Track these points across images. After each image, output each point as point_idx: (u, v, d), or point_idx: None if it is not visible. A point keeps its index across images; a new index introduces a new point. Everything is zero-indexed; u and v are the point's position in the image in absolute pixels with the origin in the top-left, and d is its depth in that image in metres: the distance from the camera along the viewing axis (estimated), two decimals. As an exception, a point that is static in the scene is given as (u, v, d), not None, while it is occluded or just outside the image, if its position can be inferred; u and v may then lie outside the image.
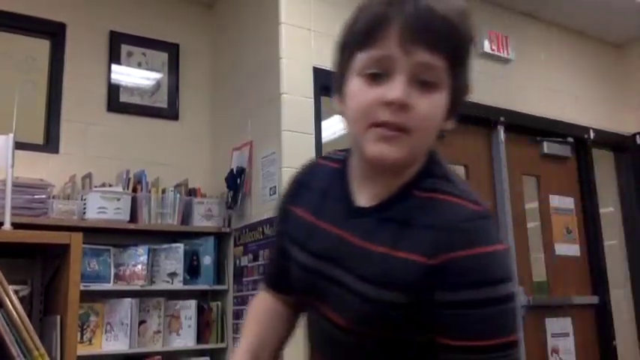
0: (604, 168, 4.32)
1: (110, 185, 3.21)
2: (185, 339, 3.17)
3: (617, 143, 4.35)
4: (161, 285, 3.18)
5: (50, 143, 3.28)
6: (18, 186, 2.66)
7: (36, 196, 2.87)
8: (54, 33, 3.41)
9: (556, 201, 3.98)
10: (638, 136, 4.33)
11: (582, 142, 4.12)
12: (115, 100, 3.51)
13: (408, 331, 0.88)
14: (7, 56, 3.31)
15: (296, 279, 1.03)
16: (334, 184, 1.01)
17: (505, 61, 3.84)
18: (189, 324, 3.17)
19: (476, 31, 0.91)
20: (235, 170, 3.23)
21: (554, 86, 4.09)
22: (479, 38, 3.72)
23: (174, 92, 3.69)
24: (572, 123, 4.06)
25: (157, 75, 3.69)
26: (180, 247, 3.22)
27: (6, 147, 1.97)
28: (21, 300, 1.67)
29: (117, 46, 3.57)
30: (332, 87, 0.97)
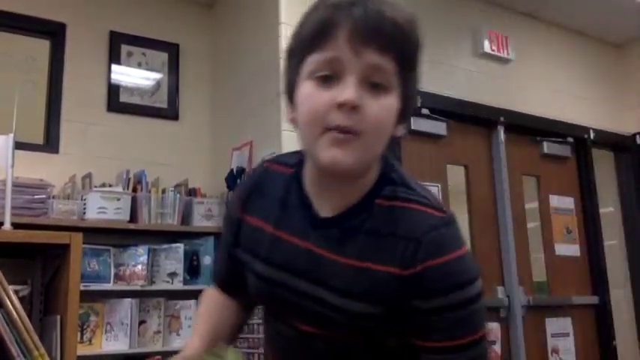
0: (604, 168, 4.32)
1: (110, 185, 3.21)
2: (185, 339, 3.16)
3: (617, 143, 4.35)
4: (161, 285, 3.18)
5: (50, 143, 3.28)
6: (18, 186, 2.66)
7: (36, 196, 2.87)
8: (54, 33, 3.41)
9: (556, 201, 3.98)
10: (638, 136, 4.33)
11: (582, 142, 4.12)
12: (115, 100, 3.51)
13: (379, 336, 0.91)
14: (7, 56, 3.31)
15: (255, 288, 1.01)
16: (291, 192, 0.99)
17: (505, 61, 3.84)
18: (189, 324, 3.17)
19: (423, 40, 0.91)
20: (235, 170, 3.23)
21: (554, 86, 4.09)
22: (479, 38, 3.73)
23: (174, 92, 3.70)
24: (572, 123, 4.06)
25: (157, 75, 3.69)
26: (180, 247, 3.21)
27: (6, 147, 1.97)
28: (21, 300, 1.67)
29: (117, 46, 3.57)
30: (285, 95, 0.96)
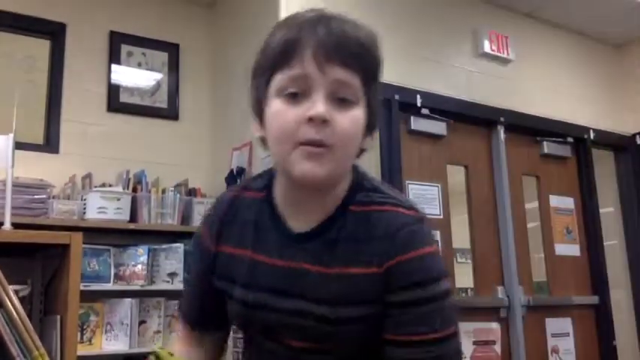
0: (604, 168, 4.32)
1: (110, 185, 3.21)
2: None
3: (617, 143, 4.34)
4: (161, 285, 3.18)
5: (50, 143, 3.29)
6: (18, 186, 2.66)
7: (36, 196, 2.87)
8: (54, 33, 3.41)
9: (556, 201, 3.98)
10: (638, 136, 4.33)
11: (582, 142, 4.12)
12: (115, 100, 3.51)
13: (372, 342, 0.92)
14: (7, 56, 3.31)
15: (236, 314, 1.01)
16: (263, 214, 1.00)
17: (505, 61, 3.84)
18: (189, 324, 3.17)
19: (382, 57, 0.95)
20: (235, 170, 3.23)
21: (554, 86, 4.09)
22: (479, 38, 3.73)
23: (174, 92, 3.70)
24: (572, 123, 4.06)
25: (157, 75, 3.69)
26: (180, 247, 3.21)
27: (6, 147, 1.97)
28: (21, 300, 1.67)
29: (117, 46, 3.57)
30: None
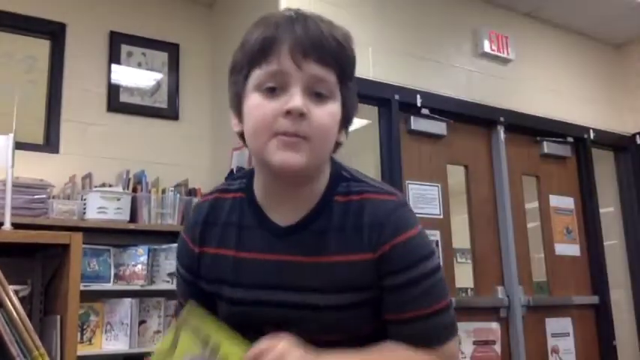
0: (604, 168, 4.32)
1: (110, 185, 3.21)
2: (185, 339, 3.16)
3: (617, 143, 4.35)
4: (161, 285, 3.17)
5: (50, 143, 3.28)
6: (18, 186, 2.66)
7: (36, 196, 2.87)
8: (54, 33, 3.41)
9: (556, 201, 3.98)
10: (638, 136, 4.33)
11: (582, 142, 4.12)
12: (115, 100, 3.51)
13: (366, 322, 0.96)
14: (7, 56, 3.31)
15: (228, 315, 1.02)
16: (244, 214, 1.02)
17: (505, 61, 3.84)
18: (189, 324, 3.17)
19: (356, 57, 0.98)
20: (235, 170, 3.23)
21: (554, 86, 4.09)
22: (479, 38, 3.73)
23: (174, 92, 3.70)
24: (572, 123, 4.06)
25: (157, 75, 3.69)
26: (180, 247, 3.21)
27: (6, 147, 1.97)
28: (21, 300, 1.67)
29: (117, 46, 3.57)
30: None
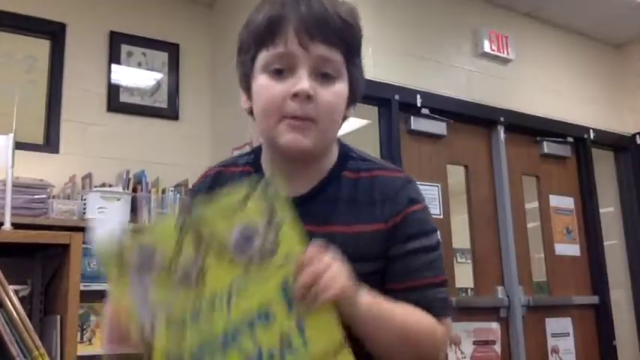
0: (604, 168, 4.32)
1: (110, 185, 3.21)
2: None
3: (617, 143, 4.35)
4: (161, 285, 3.17)
5: (50, 143, 3.28)
6: (18, 186, 2.66)
7: (36, 196, 2.87)
8: (54, 33, 3.41)
9: (556, 201, 3.98)
10: (638, 136, 4.33)
11: (582, 142, 4.12)
12: (115, 100, 3.51)
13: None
14: (7, 56, 3.31)
15: None
16: None
17: (505, 61, 3.84)
18: (189, 324, 3.17)
19: (363, 31, 0.99)
20: (235, 170, 3.23)
21: (554, 86, 4.09)
22: (479, 38, 3.73)
23: (174, 92, 3.70)
24: (572, 123, 4.06)
25: (157, 75, 3.69)
26: (180, 247, 3.21)
27: (6, 147, 1.97)
28: (21, 300, 1.67)
29: (117, 46, 3.57)
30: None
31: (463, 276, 3.62)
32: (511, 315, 3.50)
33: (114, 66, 3.54)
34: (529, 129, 3.88)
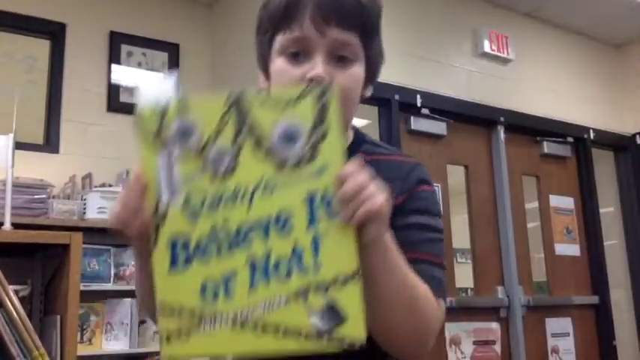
0: (604, 168, 4.32)
1: (110, 185, 3.21)
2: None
3: (617, 143, 4.35)
4: (161, 285, 3.17)
5: (50, 143, 3.29)
6: (18, 186, 2.66)
7: (36, 196, 2.87)
8: (54, 33, 3.41)
9: (556, 201, 3.98)
10: (638, 136, 4.33)
11: (582, 142, 4.12)
12: (115, 100, 3.51)
13: None
14: (7, 56, 3.31)
15: None
16: None
17: (505, 61, 3.84)
18: (189, 324, 3.17)
19: (381, 8, 0.97)
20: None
21: (554, 86, 4.09)
22: (479, 38, 3.73)
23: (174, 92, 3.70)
24: (572, 123, 4.06)
25: (157, 75, 3.69)
26: (180, 247, 3.21)
27: (6, 147, 1.97)
28: (21, 300, 1.67)
29: (117, 46, 3.57)
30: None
31: (463, 276, 3.62)
32: (511, 315, 3.51)
33: (114, 66, 3.54)
34: (529, 129, 3.88)
